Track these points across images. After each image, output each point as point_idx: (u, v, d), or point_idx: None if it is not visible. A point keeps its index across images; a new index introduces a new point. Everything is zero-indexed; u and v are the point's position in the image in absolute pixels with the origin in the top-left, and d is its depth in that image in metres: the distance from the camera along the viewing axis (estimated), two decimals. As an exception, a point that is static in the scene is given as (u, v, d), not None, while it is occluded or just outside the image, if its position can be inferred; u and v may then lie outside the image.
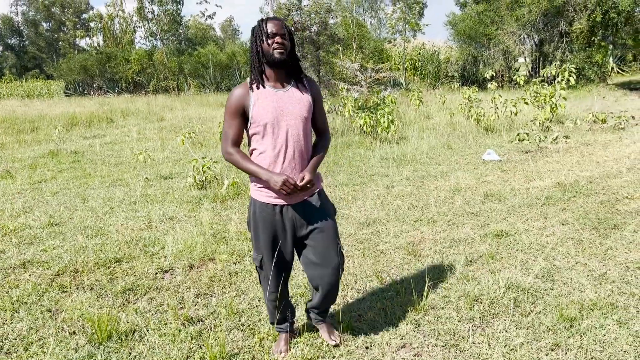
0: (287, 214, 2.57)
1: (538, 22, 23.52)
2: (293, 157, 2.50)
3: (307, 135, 2.56)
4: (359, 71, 15.22)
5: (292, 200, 2.55)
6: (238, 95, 2.49)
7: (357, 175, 7.23)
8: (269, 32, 2.42)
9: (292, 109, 2.50)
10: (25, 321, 3.29)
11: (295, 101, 2.52)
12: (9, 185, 7.41)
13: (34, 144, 11.76)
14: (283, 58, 2.43)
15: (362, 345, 2.89)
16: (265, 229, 2.59)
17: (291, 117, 2.49)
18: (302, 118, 2.52)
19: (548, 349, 2.75)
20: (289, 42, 2.47)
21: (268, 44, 2.43)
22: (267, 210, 2.57)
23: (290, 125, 2.49)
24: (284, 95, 2.51)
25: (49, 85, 37.65)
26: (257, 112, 2.46)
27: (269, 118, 2.45)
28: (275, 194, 2.53)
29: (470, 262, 3.99)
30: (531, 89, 11.68)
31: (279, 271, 2.67)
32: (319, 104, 2.67)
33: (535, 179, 6.55)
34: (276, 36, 2.42)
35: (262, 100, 2.46)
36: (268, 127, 2.46)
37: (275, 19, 2.46)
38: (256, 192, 2.60)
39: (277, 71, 2.49)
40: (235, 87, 2.54)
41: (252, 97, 2.47)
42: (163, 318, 3.27)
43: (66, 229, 5.18)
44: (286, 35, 2.45)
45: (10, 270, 4.15)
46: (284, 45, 2.43)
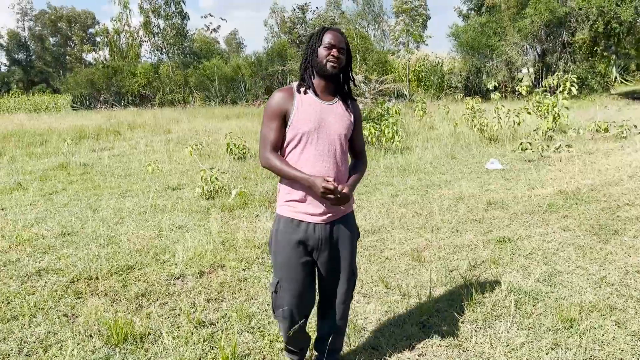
0: (312, 233, 2.39)
1: (540, 33, 23.73)
2: (327, 172, 2.36)
3: (344, 154, 2.45)
4: (363, 83, 15.40)
5: (320, 218, 2.39)
6: (280, 97, 2.38)
7: (362, 185, 7.35)
8: (327, 43, 2.34)
9: (334, 123, 2.39)
10: (43, 325, 3.41)
11: (338, 117, 2.41)
12: (21, 196, 7.56)
13: (43, 156, 11.95)
14: (335, 72, 2.35)
15: (368, 346, 3.00)
16: (287, 249, 2.40)
17: (332, 131, 2.38)
18: (342, 135, 2.41)
19: (548, 348, 2.85)
20: (345, 57, 2.39)
21: (323, 55, 2.34)
22: (291, 227, 2.40)
23: (330, 139, 2.37)
24: (328, 108, 2.40)
25: (56, 99, 38.14)
26: (298, 118, 2.34)
27: (309, 126, 2.34)
28: (305, 210, 2.38)
29: (473, 267, 4.09)
30: (533, 99, 11.82)
31: (296, 297, 2.45)
32: (359, 126, 2.56)
33: (537, 187, 6.65)
34: (333, 48, 2.33)
35: (306, 106, 2.36)
36: (306, 136, 2.34)
37: (338, 31, 2.38)
38: (283, 206, 2.44)
39: (326, 83, 2.40)
40: (277, 90, 2.44)
41: (296, 101, 2.36)
42: (176, 322, 3.39)
43: (79, 239, 5.32)
44: (344, 50, 2.37)
45: (27, 277, 4.28)
46: (338, 60, 2.34)
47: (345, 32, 23.71)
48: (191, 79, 31.94)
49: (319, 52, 2.35)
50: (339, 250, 2.48)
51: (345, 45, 2.38)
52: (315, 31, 2.43)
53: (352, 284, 2.60)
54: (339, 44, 2.34)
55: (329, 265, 2.48)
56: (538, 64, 25.49)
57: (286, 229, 2.40)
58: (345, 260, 2.50)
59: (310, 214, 2.38)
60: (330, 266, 2.49)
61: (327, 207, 2.37)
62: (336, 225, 2.45)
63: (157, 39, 35.85)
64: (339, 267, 2.50)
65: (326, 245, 2.43)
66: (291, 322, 2.49)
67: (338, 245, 2.47)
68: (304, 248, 2.41)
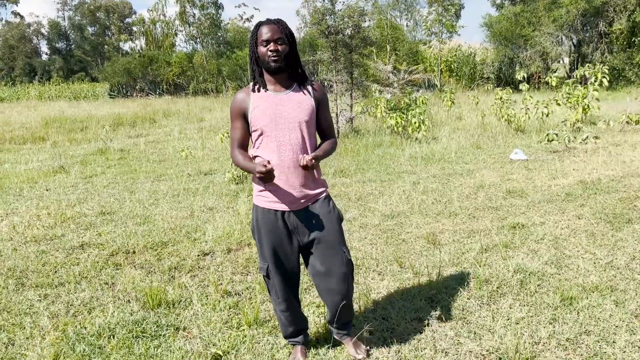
0: (288, 219, 2.52)
1: (576, 23, 23.28)
2: (292, 161, 2.44)
3: (308, 139, 2.49)
4: (392, 73, 15.52)
5: (293, 205, 2.50)
6: (239, 99, 2.49)
7: (385, 173, 7.57)
8: (263, 40, 2.36)
9: (291, 112, 2.44)
10: (87, 291, 3.79)
11: (295, 104, 2.46)
12: (63, 179, 8.05)
13: (83, 142, 12.54)
14: (278, 65, 2.38)
15: (379, 317, 3.26)
16: (268, 236, 2.53)
17: (290, 120, 2.43)
18: (303, 122, 2.45)
19: (546, 323, 3.06)
20: (288, 45, 2.40)
21: (263, 52, 2.38)
22: (268, 216, 2.52)
23: (289, 128, 2.43)
24: (284, 99, 2.45)
25: (94, 87, 39.25)
26: (255, 115, 2.44)
27: (266, 120, 2.42)
28: (277, 199, 2.49)
29: (485, 250, 4.29)
30: (563, 90, 11.75)
31: (285, 280, 2.62)
32: (324, 108, 2.59)
33: (558, 177, 6.75)
34: (269, 43, 2.36)
35: (261, 102, 2.44)
36: (266, 130, 2.43)
37: (271, 23, 2.39)
38: (257, 197, 2.56)
39: (276, 76, 2.45)
40: (238, 91, 2.55)
41: (252, 100, 2.46)
42: (205, 291, 3.72)
43: (117, 217, 5.72)
44: (283, 39, 2.38)
45: (71, 250, 4.68)
46: (278, 52, 2.36)
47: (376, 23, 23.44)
48: (224, 69, 32.48)
49: (259, 50, 2.39)
50: (317, 233, 2.54)
51: (282, 34, 2.37)
52: (252, 29, 2.45)
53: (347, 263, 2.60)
54: (273, 37, 2.35)
55: (311, 247, 2.58)
56: (573, 55, 25.01)
57: (265, 219, 2.53)
58: (328, 240, 2.55)
59: (281, 202, 2.49)
60: (312, 247, 2.57)
61: (283, 190, 2.46)
62: (309, 210, 2.54)
63: (192, 29, 36.51)
64: (323, 250, 2.55)
65: (303, 230, 2.54)
66: (284, 301, 2.65)
67: (315, 228, 2.54)
68: (285, 234, 2.53)
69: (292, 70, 2.49)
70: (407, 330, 3.07)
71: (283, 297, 2.64)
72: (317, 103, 2.54)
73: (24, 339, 3.11)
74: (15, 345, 3.04)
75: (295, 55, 2.48)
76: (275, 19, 2.43)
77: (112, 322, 3.25)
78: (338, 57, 11.32)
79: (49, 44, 65.55)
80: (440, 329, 3.06)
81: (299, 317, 2.79)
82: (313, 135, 2.54)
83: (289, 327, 2.77)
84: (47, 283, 3.94)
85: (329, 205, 2.59)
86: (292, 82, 2.50)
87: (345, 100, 11.75)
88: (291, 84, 2.50)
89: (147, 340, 3.02)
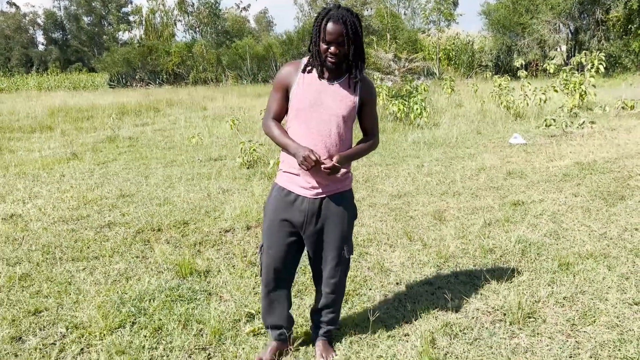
0: (302, 204, 2.46)
1: (574, 11, 23.53)
2: (319, 151, 2.37)
3: (340, 135, 2.42)
4: (393, 61, 15.78)
5: (310, 193, 2.46)
6: (286, 71, 2.46)
7: (390, 157, 7.87)
8: (326, 38, 2.29)
9: (331, 104, 2.39)
10: (121, 264, 4.09)
11: (337, 97, 2.40)
12: (77, 165, 8.32)
13: (90, 130, 12.78)
14: (333, 67, 2.35)
15: (393, 282, 3.57)
16: (274, 213, 2.51)
17: (328, 111, 2.39)
18: (340, 116, 2.40)
19: (545, 284, 3.38)
20: (348, 45, 2.30)
21: (323, 49, 2.32)
22: (282, 194, 2.49)
23: (324, 119, 2.39)
24: (329, 88, 2.40)
25: (93, 77, 39.36)
26: (296, 96, 2.41)
27: (304, 105, 2.39)
28: (297, 182, 2.46)
29: (488, 225, 4.61)
30: (561, 77, 12.04)
31: (275, 264, 2.55)
32: (369, 107, 2.53)
33: (556, 159, 7.07)
34: (331, 45, 2.29)
35: (306, 85, 2.40)
36: (301, 114, 2.40)
37: (338, 22, 2.27)
38: (279, 176, 2.54)
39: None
40: (287, 63, 2.52)
41: (298, 78, 2.42)
42: (231, 262, 4.03)
43: (137, 199, 6.01)
44: (344, 41, 2.29)
45: (99, 228, 4.98)
46: (336, 55, 2.30)
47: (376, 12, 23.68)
48: (224, 58, 32.66)
49: (320, 44, 2.33)
50: (325, 227, 2.51)
51: (345, 37, 2.28)
52: (318, 16, 2.36)
53: (342, 264, 2.60)
54: (337, 39, 2.27)
55: (311, 239, 2.53)
56: (571, 42, 25.27)
57: (277, 197, 2.51)
58: (331, 238, 2.53)
59: (301, 187, 2.45)
60: (312, 240, 2.53)
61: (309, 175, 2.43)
62: (326, 201, 2.49)
63: (191, 18, 36.58)
64: (323, 243, 2.55)
65: (312, 220, 2.48)
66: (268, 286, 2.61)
67: (325, 222, 2.50)
68: (289, 218, 2.48)
69: (353, 64, 2.40)
70: (419, 293, 3.39)
71: (267, 281, 2.60)
72: (361, 101, 2.47)
73: (72, 303, 3.41)
74: (65, 308, 3.34)
75: (358, 51, 2.37)
76: (342, 14, 2.29)
77: (151, 288, 3.56)
78: (341, 46, 11.57)
79: (45, 34, 65.40)
80: (450, 292, 3.38)
81: (279, 310, 2.68)
82: (349, 131, 2.49)
83: (266, 316, 2.70)
84: (82, 257, 4.24)
85: (347, 201, 2.55)
86: (343, 74, 2.43)
87: (347, 88, 11.98)
88: (342, 75, 2.43)
89: (184, 303, 3.33)
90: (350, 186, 2.60)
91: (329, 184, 2.47)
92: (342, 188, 2.54)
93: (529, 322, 2.95)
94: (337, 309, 2.74)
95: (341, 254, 2.56)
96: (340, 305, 2.78)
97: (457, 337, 2.85)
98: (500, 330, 2.88)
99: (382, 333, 2.90)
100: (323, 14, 2.33)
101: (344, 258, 2.59)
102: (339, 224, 2.52)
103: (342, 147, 2.45)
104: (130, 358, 2.75)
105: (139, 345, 2.86)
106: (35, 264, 4.10)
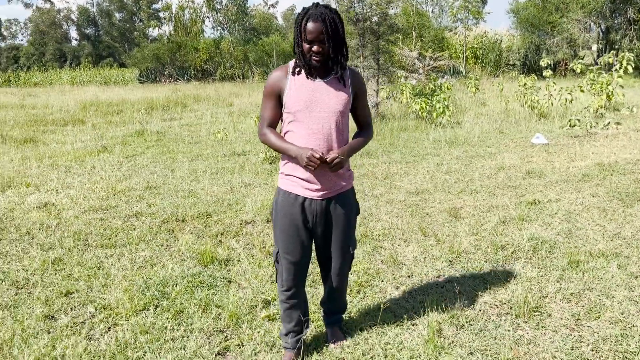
0: (309, 207, 2.50)
1: (605, 9, 23.09)
2: (322, 150, 2.41)
3: (339, 130, 2.46)
4: (418, 59, 15.79)
5: (316, 194, 2.48)
6: (275, 77, 2.47)
7: (410, 155, 7.96)
8: (307, 38, 2.31)
9: (327, 101, 2.42)
10: (147, 251, 4.31)
11: (332, 93, 2.43)
12: (107, 158, 8.63)
13: (120, 124, 13.16)
14: (318, 65, 2.37)
15: (404, 275, 3.70)
16: (283, 220, 2.52)
17: (325, 109, 2.41)
18: (337, 111, 2.43)
19: (554, 281, 3.46)
20: (329, 42, 2.32)
21: (306, 48, 2.34)
22: (289, 200, 2.50)
23: (322, 117, 2.41)
24: (321, 86, 2.42)
25: (123, 72, 40.20)
26: (290, 99, 2.42)
27: (300, 105, 2.40)
28: (302, 185, 2.48)
29: (502, 222, 4.69)
30: (587, 77, 11.91)
31: (292, 268, 2.58)
32: (361, 98, 2.59)
33: (577, 160, 7.06)
34: (313, 44, 2.32)
35: (298, 86, 2.42)
36: (299, 116, 2.41)
37: (317, 20, 2.29)
38: (282, 180, 2.55)
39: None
40: (275, 69, 2.51)
41: (289, 82, 2.43)
42: (250, 252, 4.20)
43: (163, 191, 6.24)
44: (325, 39, 2.31)
45: (127, 218, 5.22)
46: (319, 53, 2.33)
47: (402, 10, 23.52)
48: (250, 55, 33.01)
49: (303, 44, 2.35)
50: (332, 226, 2.57)
51: (326, 34, 2.30)
52: (298, 17, 2.38)
53: (348, 259, 2.70)
54: (318, 37, 2.30)
55: (322, 239, 2.61)
56: (601, 42, 24.82)
57: (284, 202, 2.51)
58: (338, 237, 2.60)
59: (306, 189, 2.47)
60: (323, 240, 2.62)
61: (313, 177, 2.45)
62: (332, 202, 2.53)
63: (219, 15, 37.03)
64: (330, 241, 2.62)
65: (321, 220, 2.53)
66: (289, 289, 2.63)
67: (332, 222, 2.56)
68: (301, 221, 2.50)
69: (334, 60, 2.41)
70: (429, 286, 3.51)
71: (288, 286, 2.62)
72: (354, 93, 2.52)
73: (100, 286, 3.63)
74: (94, 290, 3.56)
75: (337, 47, 2.38)
76: (321, 12, 2.31)
77: (174, 274, 3.76)
78: (365, 44, 11.68)
79: (79, 30, 66.97)
80: (459, 285, 3.48)
81: (299, 313, 2.71)
82: (346, 125, 2.52)
83: (288, 322, 2.72)
84: (110, 244, 4.48)
85: (350, 199, 2.61)
86: (331, 70, 2.44)
87: (371, 86, 12.10)
88: (330, 71, 2.45)
89: (204, 289, 3.52)
90: (352, 184, 2.66)
91: (334, 184, 2.51)
92: (347, 187, 2.59)
93: (535, 315, 3.05)
94: (343, 295, 2.88)
95: (347, 250, 2.66)
96: (346, 292, 2.91)
97: (463, 327, 2.96)
98: (506, 323, 2.99)
99: (391, 322, 3.03)
100: (302, 13, 2.36)
101: (350, 253, 2.69)
102: (346, 222, 2.59)
103: (342, 143, 2.49)
104: (153, 337, 2.94)
105: (162, 326, 3.06)
106: (67, 250, 4.35)
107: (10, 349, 2.88)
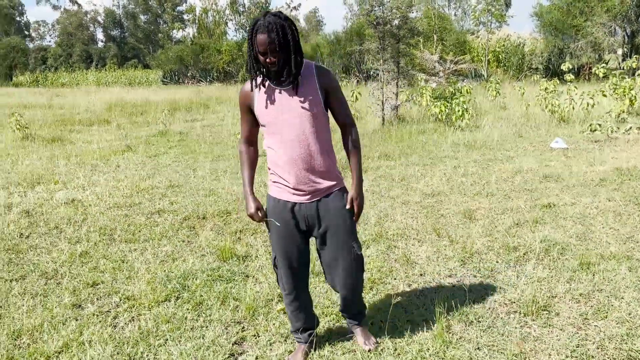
0: (299, 211, 2.51)
1: (630, 13, 22.77)
2: (300, 156, 2.40)
3: (317, 133, 2.41)
4: (438, 63, 15.81)
5: (303, 198, 2.49)
6: (244, 94, 2.48)
7: (428, 157, 8.03)
8: (259, 50, 2.25)
9: (295, 106, 2.37)
10: (168, 246, 4.48)
11: (299, 97, 2.37)
12: (131, 157, 8.89)
13: (144, 125, 13.48)
14: (277, 70, 2.30)
15: (417, 273, 3.79)
16: (279, 225, 2.53)
17: (294, 115, 2.38)
18: (307, 115, 2.37)
19: (564, 281, 3.53)
20: (282, 49, 2.25)
21: (262, 60, 2.29)
22: (278, 207, 2.52)
23: (295, 123, 2.38)
24: (287, 92, 2.38)
25: (147, 74, 40.89)
26: (260, 112, 2.42)
27: (270, 118, 2.39)
28: (287, 191, 2.50)
29: (516, 225, 4.75)
30: (610, 82, 11.82)
31: (292, 272, 2.61)
32: (334, 94, 2.48)
33: (596, 164, 7.05)
34: (266, 55, 2.26)
35: (265, 98, 2.40)
36: (272, 126, 2.41)
37: (263, 32, 2.22)
38: (271, 187, 2.58)
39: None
40: (245, 83, 2.50)
41: (255, 95, 2.43)
42: (267, 249, 4.34)
43: (185, 190, 6.43)
44: (276, 49, 2.24)
45: (150, 215, 5.41)
46: (274, 63, 2.27)
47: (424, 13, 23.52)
48: (272, 57, 33.27)
49: (257, 56, 2.31)
50: (328, 226, 2.53)
51: (277, 43, 2.23)
52: (249, 29, 2.34)
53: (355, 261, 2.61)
54: (269, 47, 2.23)
55: (319, 241, 2.60)
56: (627, 46, 24.47)
57: (275, 209, 2.54)
58: (335, 236, 2.55)
59: (294, 194, 2.48)
60: (320, 242, 2.59)
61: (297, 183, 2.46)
62: (322, 201, 2.51)
63: (242, 18, 37.44)
64: (331, 244, 2.57)
65: (314, 222, 2.53)
66: (291, 293, 2.67)
67: (327, 222, 2.53)
68: (294, 225, 2.53)
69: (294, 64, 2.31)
70: (440, 284, 3.60)
71: (289, 289, 2.66)
72: (323, 90, 2.43)
73: (124, 278, 3.81)
74: (119, 282, 3.74)
75: (288, 55, 2.28)
76: (269, 22, 2.24)
77: (194, 268, 3.92)
78: (385, 47, 11.77)
79: (105, 32, 68.24)
80: (470, 284, 3.57)
81: (305, 313, 2.75)
82: (324, 125, 2.47)
83: (295, 322, 2.76)
84: (134, 239, 4.66)
85: (342, 199, 2.55)
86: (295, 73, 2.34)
87: (391, 89, 12.19)
88: (289, 77, 2.36)
89: (223, 282, 3.67)
90: (343, 184, 2.60)
91: (317, 187, 2.48)
92: (336, 187, 2.55)
93: (543, 314, 3.12)
94: (360, 300, 2.86)
95: (351, 251, 2.57)
96: (361, 296, 2.88)
97: (471, 324, 3.05)
98: (514, 321, 3.06)
99: (402, 317, 3.14)
100: (252, 25, 2.32)
101: (356, 255, 2.60)
102: (341, 221, 2.53)
103: (323, 146, 2.46)
104: (174, 327, 3.09)
105: (182, 317, 3.21)
106: (93, 244, 4.55)
107: (40, 334, 3.06)
